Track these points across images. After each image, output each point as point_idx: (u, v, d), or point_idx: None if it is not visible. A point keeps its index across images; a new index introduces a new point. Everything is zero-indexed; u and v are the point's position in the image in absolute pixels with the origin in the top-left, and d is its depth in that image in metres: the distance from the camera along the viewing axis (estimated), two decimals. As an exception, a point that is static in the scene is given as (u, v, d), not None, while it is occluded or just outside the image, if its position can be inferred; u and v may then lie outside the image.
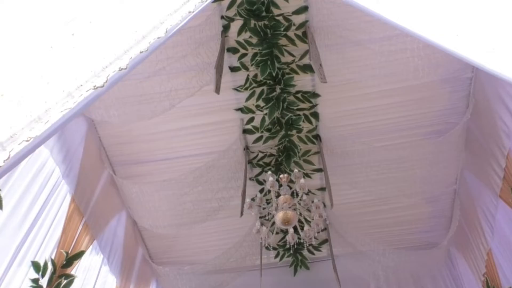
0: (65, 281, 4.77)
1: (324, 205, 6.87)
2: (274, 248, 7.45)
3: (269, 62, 5.25)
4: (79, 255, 4.98)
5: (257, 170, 6.40)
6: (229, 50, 5.38)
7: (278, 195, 5.18)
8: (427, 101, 5.83)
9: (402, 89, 5.70)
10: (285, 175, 5.37)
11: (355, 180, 6.56)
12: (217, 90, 4.36)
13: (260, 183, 6.44)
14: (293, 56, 5.32)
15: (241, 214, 5.29)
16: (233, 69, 5.52)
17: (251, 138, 6.09)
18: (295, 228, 5.30)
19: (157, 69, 4.59)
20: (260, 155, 6.20)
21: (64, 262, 4.85)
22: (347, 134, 5.99)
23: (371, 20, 4.99)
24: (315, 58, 4.75)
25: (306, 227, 5.30)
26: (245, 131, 6.05)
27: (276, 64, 5.33)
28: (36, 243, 4.52)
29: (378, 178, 6.45)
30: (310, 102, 5.74)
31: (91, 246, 5.61)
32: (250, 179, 6.48)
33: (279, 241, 7.35)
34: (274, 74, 5.33)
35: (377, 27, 5.03)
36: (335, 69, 5.53)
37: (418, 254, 7.03)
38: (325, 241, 7.41)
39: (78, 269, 5.20)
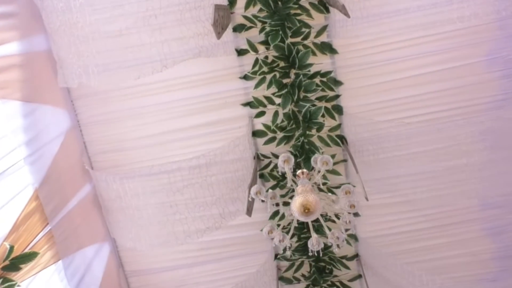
0: (3, 286, 3.46)
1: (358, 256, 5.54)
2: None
3: (280, 32, 4.51)
4: (29, 256, 3.70)
5: (269, 184, 5.22)
6: (235, 29, 4.71)
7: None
8: (473, 89, 4.84)
9: (441, 73, 4.79)
10: (304, 170, 4.21)
11: (392, 200, 5.30)
12: (214, 24, 3.53)
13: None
14: (309, 27, 4.57)
15: (247, 210, 4.04)
16: (240, 52, 4.77)
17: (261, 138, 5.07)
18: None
19: (147, 15, 3.86)
20: (274, 161, 5.08)
21: (8, 263, 3.58)
22: (377, 135, 4.90)
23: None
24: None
25: (333, 232, 3.98)
26: (254, 134, 5.05)
27: (289, 38, 4.58)
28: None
29: (423, 197, 5.18)
30: (332, 89, 4.82)
31: (53, 266, 4.32)
32: (262, 201, 5.26)
33: (301, 293, 5.80)
34: (286, 45, 4.54)
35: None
36: (359, 48, 4.77)
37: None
38: (361, 294, 5.81)
39: (31, 286, 3.89)
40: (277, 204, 5.13)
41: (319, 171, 3.81)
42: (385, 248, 5.43)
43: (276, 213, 5.20)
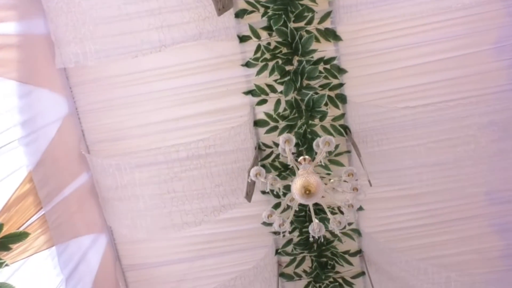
0: (-9, 265, 3.34)
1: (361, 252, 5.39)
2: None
3: (283, 16, 4.43)
4: (20, 236, 3.58)
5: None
6: (237, 15, 4.63)
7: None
8: (481, 78, 4.73)
9: (446, 62, 4.68)
10: (306, 156, 4.07)
11: (397, 194, 5.16)
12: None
13: (274, 193, 5.07)
14: (312, 11, 4.48)
15: (246, 194, 3.89)
16: (242, 39, 4.69)
17: (263, 128, 4.97)
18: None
19: (145, -3, 3.79)
20: (276, 152, 4.96)
21: (-3, 242, 3.46)
22: (382, 125, 4.76)
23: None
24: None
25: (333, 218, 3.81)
26: (256, 124, 4.94)
27: (292, 23, 4.50)
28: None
29: (428, 191, 5.04)
30: (336, 77, 4.71)
31: (47, 251, 4.19)
32: (262, 192, 5.15)
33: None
34: (289, 30, 4.45)
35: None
36: (364, 35, 4.68)
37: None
38: (364, 292, 5.62)
39: (22, 268, 3.76)
40: (278, 196, 5.04)
41: (321, 152, 3.66)
42: (388, 244, 5.25)
43: (278, 205, 5.06)
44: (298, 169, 3.77)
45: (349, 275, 5.48)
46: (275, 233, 5.27)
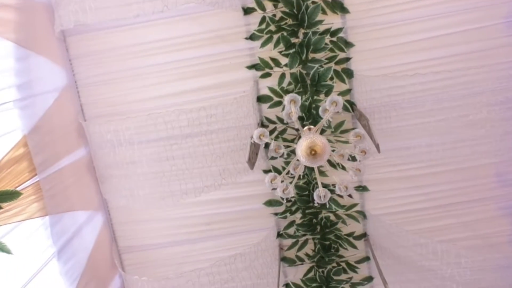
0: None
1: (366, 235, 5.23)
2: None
3: (289, -16, 4.34)
4: (12, 195, 3.42)
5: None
6: (242, -13, 4.54)
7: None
8: (491, 53, 4.60)
9: (456, 36, 4.57)
10: (311, 126, 3.92)
11: (404, 174, 5.01)
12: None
13: (278, 171, 4.88)
14: (319, -20, 4.40)
15: (248, 159, 3.71)
16: (246, 11, 4.58)
17: (266, 103, 4.84)
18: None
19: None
20: (279, 128, 4.82)
21: (-14, 200, 3.30)
22: (391, 101, 4.62)
23: None
24: None
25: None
26: (259, 99, 4.81)
27: (298, -5, 4.41)
28: None
29: (437, 171, 4.92)
30: (342, 50, 4.59)
31: (40, 220, 4.02)
32: (264, 171, 4.99)
33: (304, 276, 5.38)
34: (295, 0, 4.34)
35: None
36: (372, 7, 4.58)
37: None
38: (370, 278, 5.42)
39: (13, 233, 3.60)
40: (280, 173, 4.86)
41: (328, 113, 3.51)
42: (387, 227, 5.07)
43: (281, 183, 4.89)
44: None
45: (353, 260, 5.28)
46: (277, 214, 5.16)
